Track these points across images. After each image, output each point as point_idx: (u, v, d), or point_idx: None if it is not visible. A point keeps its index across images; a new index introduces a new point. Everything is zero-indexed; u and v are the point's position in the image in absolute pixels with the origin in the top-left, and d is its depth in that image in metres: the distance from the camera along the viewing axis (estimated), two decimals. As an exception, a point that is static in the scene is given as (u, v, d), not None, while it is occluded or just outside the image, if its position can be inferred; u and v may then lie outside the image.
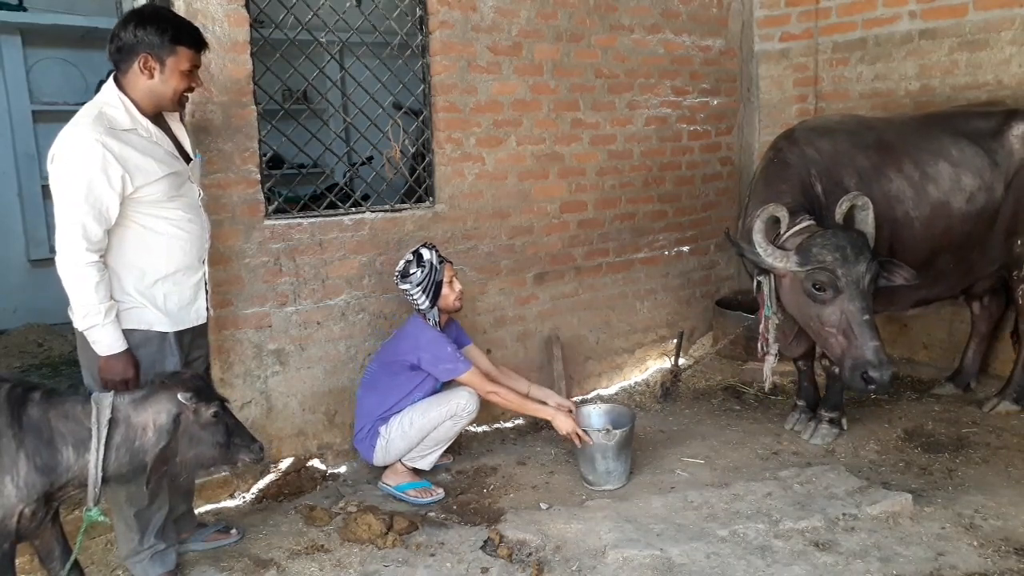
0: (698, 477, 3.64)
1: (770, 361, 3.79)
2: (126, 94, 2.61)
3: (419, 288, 3.46)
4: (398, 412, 3.48)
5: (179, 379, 2.48)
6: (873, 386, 3.29)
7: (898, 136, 4.01)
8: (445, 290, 3.51)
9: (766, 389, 4.23)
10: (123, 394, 2.42)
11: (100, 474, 2.32)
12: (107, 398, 2.36)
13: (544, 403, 3.68)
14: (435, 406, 3.44)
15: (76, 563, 2.51)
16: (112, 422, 2.34)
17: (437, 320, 3.52)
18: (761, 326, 3.76)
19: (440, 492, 3.51)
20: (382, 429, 3.49)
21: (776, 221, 3.46)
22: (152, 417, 2.39)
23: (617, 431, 3.50)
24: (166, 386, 2.44)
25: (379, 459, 3.54)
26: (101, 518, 2.44)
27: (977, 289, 4.30)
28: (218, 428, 2.46)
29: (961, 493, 3.35)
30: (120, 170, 2.51)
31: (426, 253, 3.50)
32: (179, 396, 2.41)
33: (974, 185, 3.91)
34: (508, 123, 4.30)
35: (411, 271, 3.47)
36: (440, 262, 3.51)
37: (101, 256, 2.54)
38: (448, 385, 3.63)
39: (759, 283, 3.62)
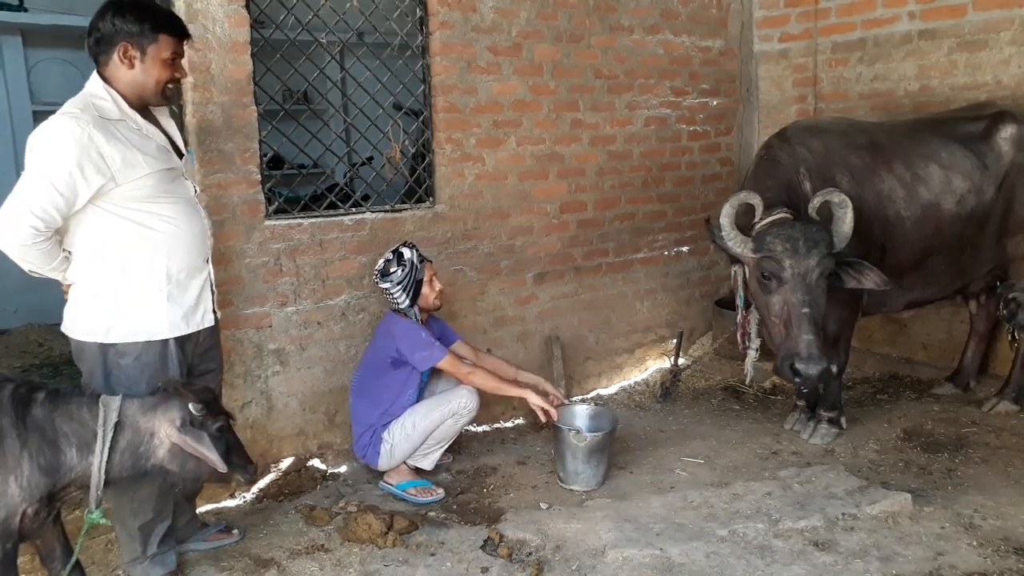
0: (698, 477, 3.65)
1: (751, 356, 3.82)
2: (111, 86, 2.56)
3: (399, 287, 3.45)
4: (398, 417, 3.48)
5: (190, 389, 2.45)
6: (799, 379, 3.34)
7: (890, 138, 4.03)
8: (425, 289, 3.50)
9: (747, 382, 4.28)
10: (132, 398, 2.41)
11: (103, 476, 2.31)
12: (115, 401, 2.35)
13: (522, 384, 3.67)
14: (436, 407, 3.46)
15: (77, 563, 2.52)
16: (118, 425, 2.33)
17: (418, 318, 3.52)
18: (739, 316, 3.78)
19: (440, 492, 3.52)
20: (385, 435, 3.49)
21: (749, 208, 3.49)
22: (159, 423, 2.38)
23: (587, 435, 3.50)
24: (178, 394, 2.41)
25: (384, 464, 3.54)
26: (102, 520, 2.43)
27: (973, 289, 4.31)
28: (219, 444, 2.43)
29: (960, 493, 3.36)
30: (99, 164, 2.43)
31: (406, 252, 3.49)
32: (190, 406, 2.39)
33: (964, 187, 3.92)
34: (508, 123, 4.31)
35: (391, 270, 3.46)
36: (421, 261, 3.50)
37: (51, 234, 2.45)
38: (433, 380, 3.65)
39: (734, 273, 3.69)
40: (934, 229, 3.91)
